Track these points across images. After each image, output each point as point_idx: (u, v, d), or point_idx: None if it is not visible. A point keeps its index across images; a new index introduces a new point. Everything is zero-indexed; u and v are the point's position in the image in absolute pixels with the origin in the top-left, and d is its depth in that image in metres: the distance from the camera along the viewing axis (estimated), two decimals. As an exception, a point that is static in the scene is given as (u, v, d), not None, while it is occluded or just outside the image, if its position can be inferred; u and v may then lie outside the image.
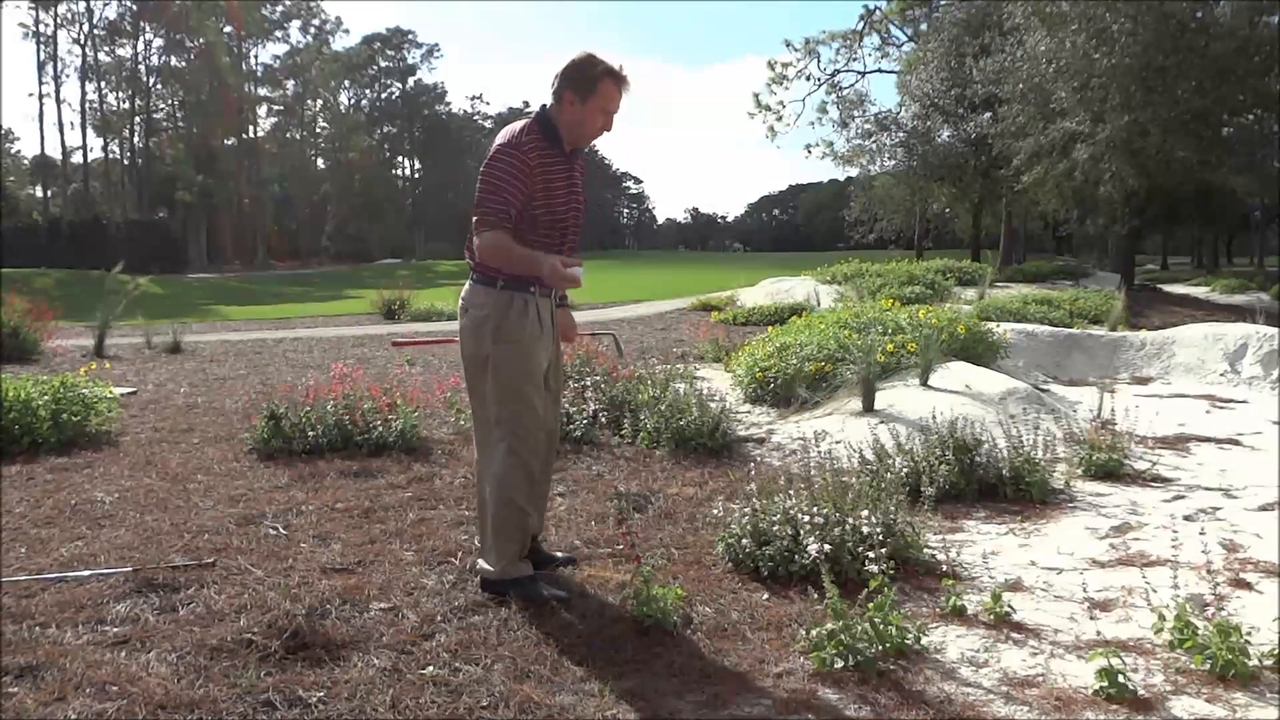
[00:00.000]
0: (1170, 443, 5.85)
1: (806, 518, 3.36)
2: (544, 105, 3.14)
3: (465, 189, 76.95)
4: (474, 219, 3.03)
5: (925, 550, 3.54)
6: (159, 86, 60.90)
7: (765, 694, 2.52)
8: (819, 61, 39.85)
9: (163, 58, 60.16)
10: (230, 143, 63.26)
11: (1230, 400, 7.59)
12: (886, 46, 40.60)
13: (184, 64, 60.36)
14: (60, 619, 2.93)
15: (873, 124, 33.66)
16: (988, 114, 27.54)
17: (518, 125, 3.11)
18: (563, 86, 3.06)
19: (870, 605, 2.78)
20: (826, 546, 3.13)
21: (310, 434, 5.23)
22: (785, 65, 39.92)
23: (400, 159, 79.57)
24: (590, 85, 3.05)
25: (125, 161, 61.43)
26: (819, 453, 4.18)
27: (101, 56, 57.96)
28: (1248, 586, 3.29)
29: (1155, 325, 13.25)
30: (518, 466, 3.12)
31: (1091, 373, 8.79)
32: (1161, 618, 2.83)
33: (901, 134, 31.90)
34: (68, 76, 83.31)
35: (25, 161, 72.60)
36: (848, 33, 39.91)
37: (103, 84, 58.77)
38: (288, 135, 71.64)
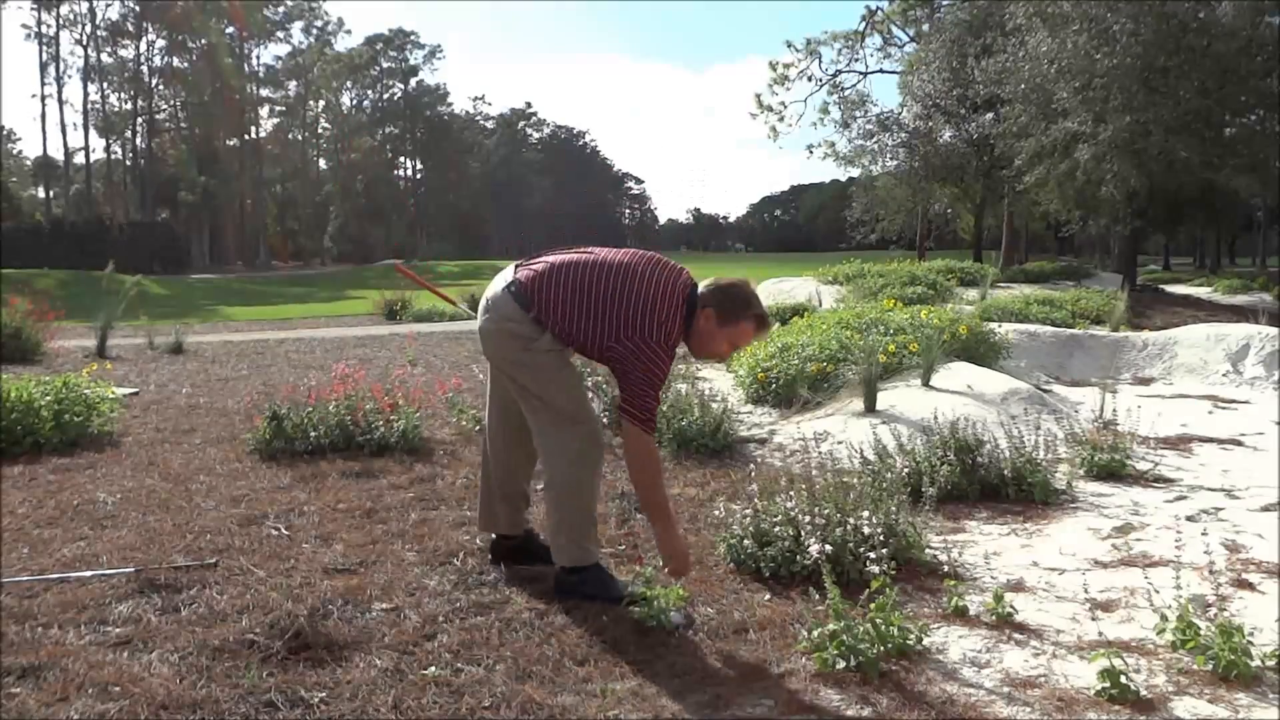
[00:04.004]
0: (1172, 443, 5.84)
1: (808, 518, 3.35)
2: (695, 293, 3.10)
3: (467, 190, 77.31)
4: (628, 404, 2.98)
5: (927, 551, 3.54)
6: (161, 87, 61.04)
7: (767, 694, 2.52)
8: (821, 62, 39.89)
9: (165, 58, 60.34)
10: (232, 143, 63.42)
11: (1232, 401, 7.58)
12: (888, 47, 40.61)
13: (186, 65, 60.50)
14: (62, 619, 2.94)
15: (874, 124, 33.60)
16: (989, 114, 27.50)
17: (674, 304, 3.03)
18: (710, 302, 3.07)
19: (872, 606, 2.78)
20: (828, 547, 3.13)
21: (312, 434, 5.23)
22: (787, 66, 39.95)
23: (402, 160, 79.61)
24: (735, 317, 3.07)
25: (127, 162, 61.58)
26: (820, 453, 4.18)
27: (104, 57, 58.14)
28: (1250, 587, 3.29)
29: (1157, 325, 13.23)
30: (589, 454, 3.13)
31: (1093, 373, 8.78)
32: (1164, 618, 2.83)
33: (903, 134, 31.86)
34: (70, 77, 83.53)
35: (27, 162, 72.76)
36: (849, 33, 39.90)
37: (105, 85, 58.95)
38: (290, 136, 71.77)
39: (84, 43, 56.74)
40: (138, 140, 59.82)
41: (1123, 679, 2.48)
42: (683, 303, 3.06)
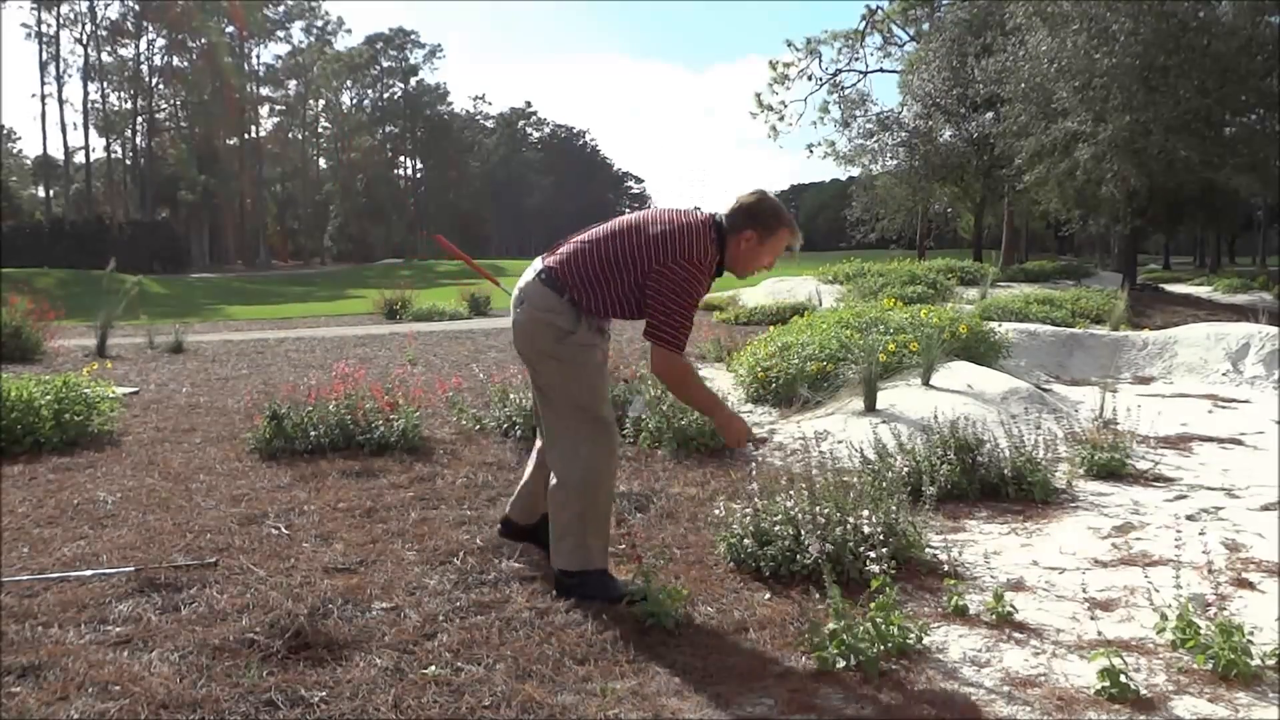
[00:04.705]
0: (1172, 442, 5.84)
1: (808, 517, 3.35)
2: (720, 221, 3.13)
3: (467, 189, 77.32)
4: (655, 329, 3.02)
5: (927, 550, 3.54)
6: (161, 86, 61.04)
7: (767, 693, 2.52)
8: (821, 61, 39.90)
9: (165, 58, 60.35)
10: (233, 143, 63.46)
11: (1232, 400, 7.58)
12: (888, 46, 40.61)
13: (186, 64, 60.49)
14: (63, 618, 2.94)
15: (875, 124, 33.62)
16: (989, 114, 27.55)
17: (701, 229, 3.09)
18: (745, 223, 3.12)
19: (872, 605, 2.78)
20: (828, 546, 3.13)
21: (312, 434, 5.23)
22: (787, 65, 39.95)
23: (402, 159, 79.63)
24: (773, 229, 3.16)
25: (128, 161, 61.58)
26: (820, 452, 4.17)
27: (104, 57, 58.11)
28: (1250, 586, 3.29)
29: (1157, 325, 13.24)
30: (606, 458, 3.12)
31: (1094, 372, 8.78)
32: (1164, 617, 2.83)
33: (903, 133, 31.88)
34: (70, 77, 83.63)
35: (27, 161, 72.74)
36: (849, 32, 39.90)
37: (105, 84, 58.95)
38: (290, 135, 71.79)
39: (84, 42, 56.76)
40: (138, 140, 59.83)
41: (1123, 678, 2.48)
42: (710, 231, 3.10)
